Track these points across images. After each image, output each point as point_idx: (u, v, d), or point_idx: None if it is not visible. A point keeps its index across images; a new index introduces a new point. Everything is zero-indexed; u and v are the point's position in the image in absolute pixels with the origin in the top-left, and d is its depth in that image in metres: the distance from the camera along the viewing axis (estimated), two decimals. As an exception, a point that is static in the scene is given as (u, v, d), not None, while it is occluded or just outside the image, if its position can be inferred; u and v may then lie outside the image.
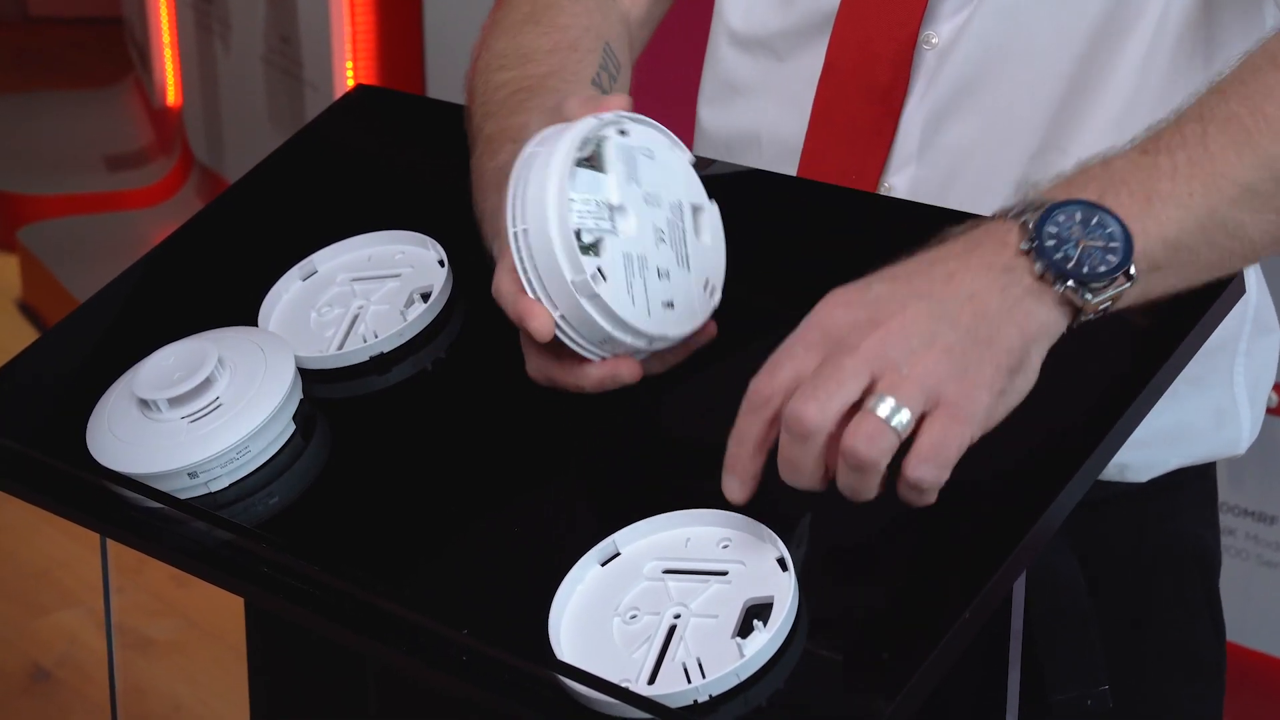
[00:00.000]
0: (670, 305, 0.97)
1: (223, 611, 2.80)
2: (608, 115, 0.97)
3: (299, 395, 1.06)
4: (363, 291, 1.13)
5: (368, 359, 1.08)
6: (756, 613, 0.88)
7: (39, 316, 4.19)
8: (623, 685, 0.85)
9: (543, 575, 0.94)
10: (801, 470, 0.86)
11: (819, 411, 0.85)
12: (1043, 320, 0.88)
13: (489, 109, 1.13)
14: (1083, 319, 0.89)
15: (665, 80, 1.25)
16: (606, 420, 1.04)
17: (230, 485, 1.03)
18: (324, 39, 3.49)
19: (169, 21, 4.65)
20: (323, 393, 1.07)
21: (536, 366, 1.00)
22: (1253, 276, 1.21)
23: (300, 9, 3.63)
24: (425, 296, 1.10)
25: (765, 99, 1.25)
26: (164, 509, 1.02)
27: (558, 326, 0.95)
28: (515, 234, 0.94)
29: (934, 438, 0.84)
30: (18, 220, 4.49)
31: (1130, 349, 0.97)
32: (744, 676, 0.85)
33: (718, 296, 1.00)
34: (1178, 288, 0.93)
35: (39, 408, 1.15)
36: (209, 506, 1.02)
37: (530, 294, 0.95)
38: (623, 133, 0.97)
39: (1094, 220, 0.89)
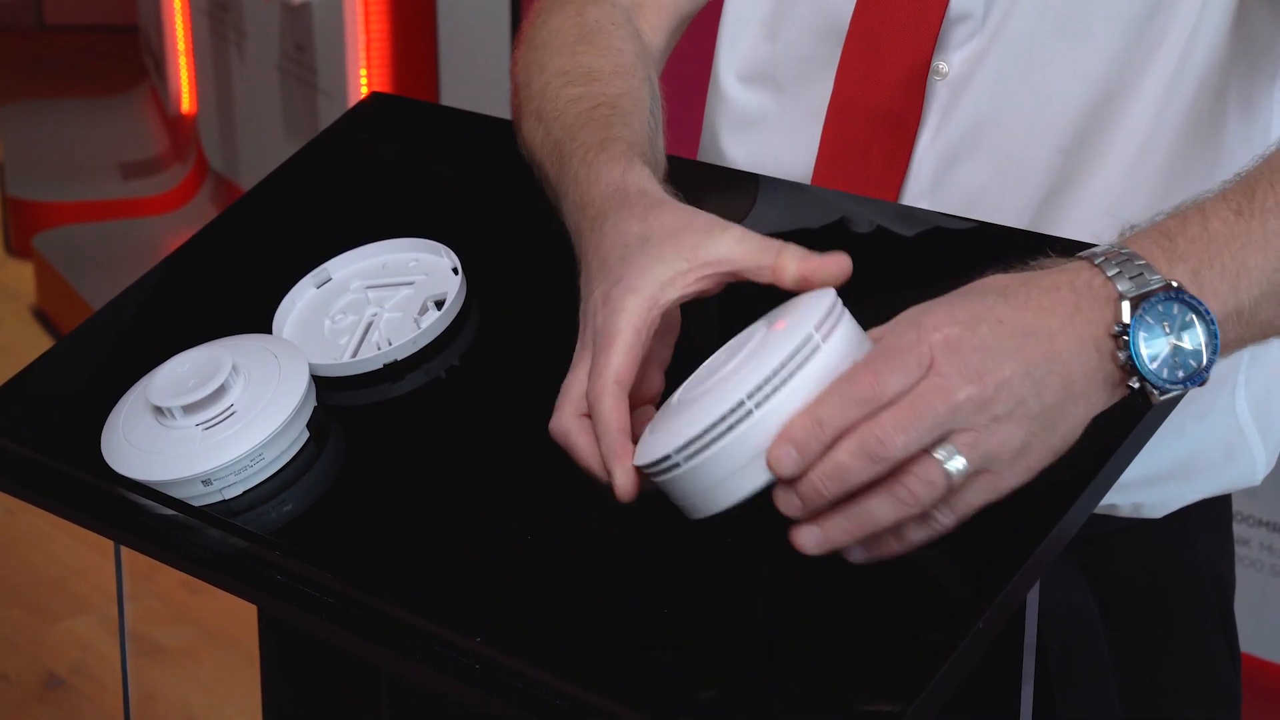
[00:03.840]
0: None
1: (235, 619, 2.81)
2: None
3: (313, 403, 1.06)
4: (376, 299, 1.13)
5: (381, 366, 1.08)
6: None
7: (54, 324, 4.20)
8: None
9: (556, 582, 0.94)
10: (848, 482, 0.85)
11: (905, 446, 0.84)
12: (1105, 403, 0.90)
13: (569, 120, 1.11)
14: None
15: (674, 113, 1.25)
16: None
17: (244, 493, 1.03)
18: (338, 47, 3.50)
19: (184, 29, 4.66)
20: (336, 400, 1.07)
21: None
22: None
23: (315, 17, 3.64)
24: (439, 304, 1.11)
25: (770, 132, 1.24)
26: (178, 516, 1.02)
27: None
28: (673, 458, 0.88)
29: (969, 495, 0.87)
30: (33, 227, 4.50)
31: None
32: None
33: None
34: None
35: (54, 415, 1.15)
36: (223, 514, 1.02)
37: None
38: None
39: (1187, 318, 0.89)
